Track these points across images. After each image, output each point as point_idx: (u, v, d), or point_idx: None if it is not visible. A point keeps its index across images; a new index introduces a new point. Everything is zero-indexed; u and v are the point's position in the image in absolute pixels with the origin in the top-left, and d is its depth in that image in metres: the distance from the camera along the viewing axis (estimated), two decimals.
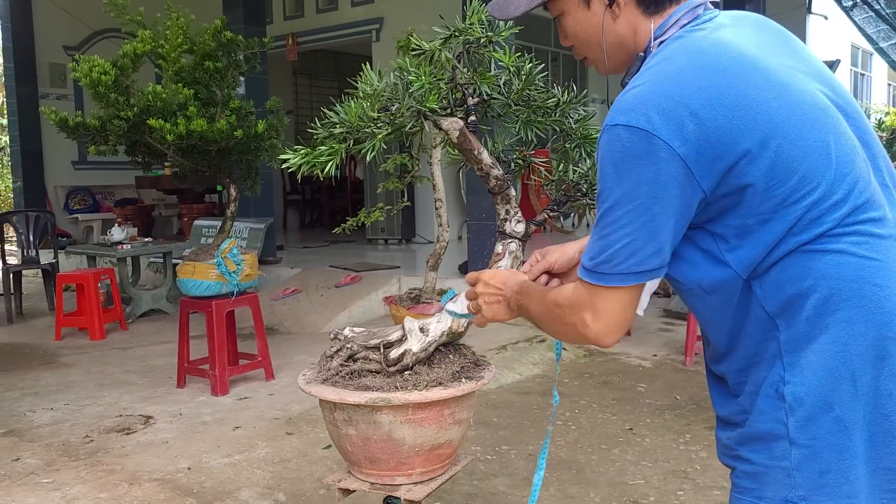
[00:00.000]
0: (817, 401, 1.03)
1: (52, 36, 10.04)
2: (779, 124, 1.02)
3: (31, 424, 3.91)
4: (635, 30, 1.17)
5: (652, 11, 1.16)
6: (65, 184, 10.29)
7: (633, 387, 4.50)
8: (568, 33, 1.25)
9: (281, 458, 3.37)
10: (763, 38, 1.12)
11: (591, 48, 1.23)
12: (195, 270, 4.26)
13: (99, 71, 3.91)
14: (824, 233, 1.03)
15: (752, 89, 1.03)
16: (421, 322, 1.76)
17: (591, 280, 1.08)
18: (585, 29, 1.20)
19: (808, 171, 1.03)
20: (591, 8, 1.18)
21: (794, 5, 12.49)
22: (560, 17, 1.24)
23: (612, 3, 1.16)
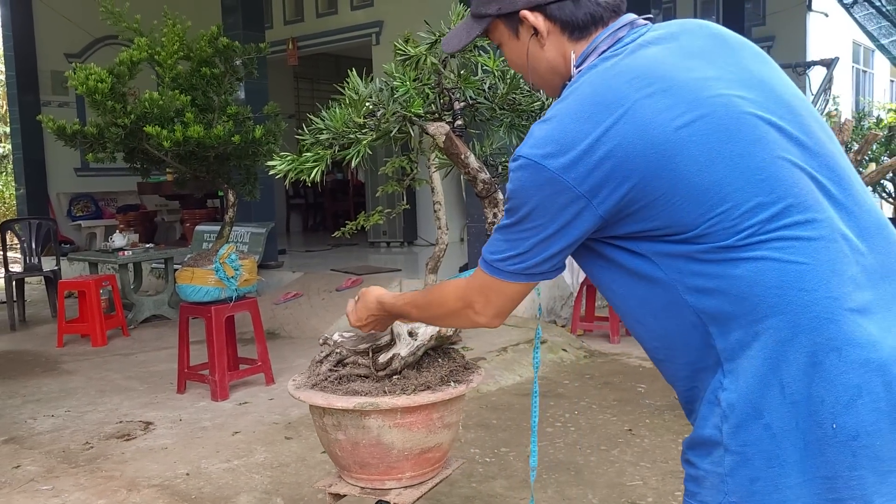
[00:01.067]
0: (747, 407, 1.03)
1: (53, 44, 10.09)
2: (677, 144, 1.03)
3: (32, 431, 3.92)
4: (564, 56, 1.21)
5: (577, 37, 1.20)
6: (67, 190, 10.33)
7: (633, 387, 4.50)
8: (508, 61, 1.32)
9: (280, 463, 3.38)
10: (685, 52, 1.12)
11: (527, 74, 1.28)
12: (194, 276, 4.27)
13: (95, 79, 3.92)
14: (744, 241, 1.03)
15: (650, 114, 1.04)
16: (410, 326, 1.76)
17: (489, 272, 1.18)
18: (519, 56, 1.26)
19: (714, 183, 1.03)
20: (520, 38, 1.24)
21: (794, 3, 12.46)
22: (501, 48, 1.31)
23: (536, 32, 1.20)
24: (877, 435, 1.01)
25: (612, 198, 1.05)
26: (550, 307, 6.47)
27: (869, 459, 1.01)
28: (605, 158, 1.04)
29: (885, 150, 4.81)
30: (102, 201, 10.61)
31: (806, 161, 1.08)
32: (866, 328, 1.02)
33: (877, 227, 1.10)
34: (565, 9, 1.18)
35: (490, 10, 1.24)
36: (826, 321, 1.01)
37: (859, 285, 1.04)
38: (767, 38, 12.53)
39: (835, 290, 1.02)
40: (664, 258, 1.08)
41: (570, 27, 1.19)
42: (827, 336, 1.01)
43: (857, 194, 1.10)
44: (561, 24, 1.19)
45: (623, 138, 1.03)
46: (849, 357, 1.00)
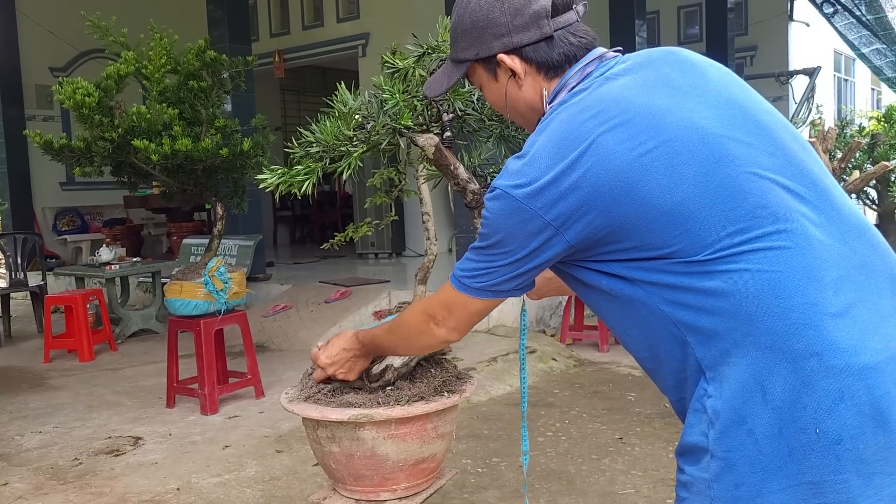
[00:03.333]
0: (731, 414, 1.05)
1: (38, 58, 10.05)
2: (640, 170, 1.07)
3: (20, 448, 3.89)
4: (541, 95, 1.26)
5: (552, 76, 1.25)
6: (53, 205, 10.26)
7: (623, 396, 4.51)
8: (490, 102, 1.37)
9: (271, 477, 3.37)
10: (650, 81, 1.15)
11: (508, 113, 1.33)
12: (182, 290, 4.25)
13: (82, 93, 3.91)
14: (713, 255, 1.05)
15: (612, 146, 1.08)
16: None
17: (456, 287, 1.24)
18: (499, 98, 1.31)
19: (679, 203, 1.06)
20: (498, 80, 1.29)
21: (775, 13, 12.61)
22: (481, 90, 1.36)
23: (513, 74, 1.25)
24: (860, 438, 1.02)
25: (579, 225, 1.10)
26: (540, 316, 6.48)
27: (853, 463, 1.02)
28: (570, 189, 1.08)
29: (867, 157, 4.88)
30: (88, 215, 10.54)
31: (777, 172, 1.10)
32: (847, 332, 1.03)
33: (857, 230, 1.12)
34: (540, 50, 1.23)
35: (467, 55, 1.29)
36: (804, 327, 1.03)
37: (839, 290, 1.05)
38: (750, 47, 12.66)
39: (812, 296, 1.04)
40: (638, 276, 1.11)
41: (546, 67, 1.24)
42: (806, 342, 1.02)
43: (835, 199, 1.12)
44: (537, 64, 1.24)
45: (588, 170, 1.08)
46: (829, 362, 1.02)
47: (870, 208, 5.72)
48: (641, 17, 8.21)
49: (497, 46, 1.24)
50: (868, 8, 12.59)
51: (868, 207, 5.74)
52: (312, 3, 10.55)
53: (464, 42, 1.28)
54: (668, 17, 13.85)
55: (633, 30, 8.01)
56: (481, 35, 1.25)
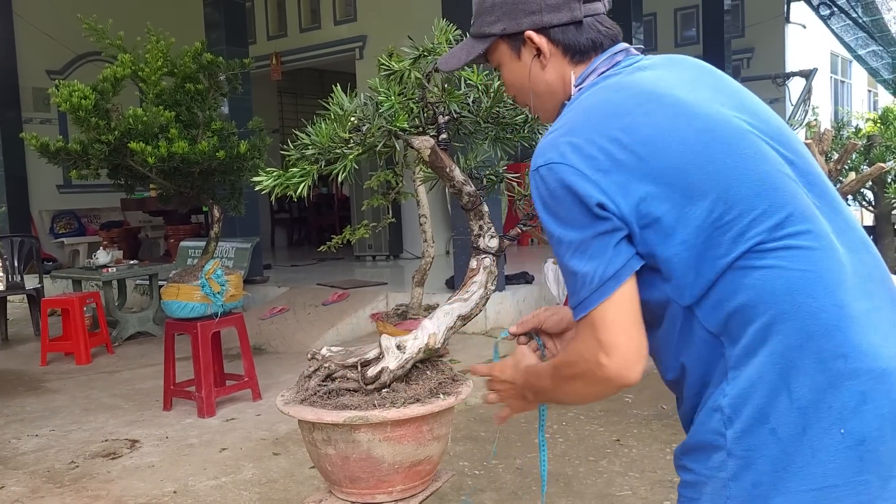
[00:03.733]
0: (754, 412, 1.04)
1: (34, 60, 10.04)
2: (686, 152, 1.07)
3: (16, 452, 3.88)
4: (563, 78, 1.24)
5: (577, 60, 1.24)
6: (50, 208, 10.25)
7: (620, 397, 4.51)
8: (507, 83, 1.33)
9: (268, 479, 3.36)
10: (683, 77, 1.18)
11: (527, 96, 1.31)
12: (179, 292, 4.25)
13: (79, 96, 3.91)
14: (751, 249, 1.05)
15: (657, 123, 1.09)
16: (398, 339, 1.77)
17: (581, 312, 1.10)
18: (519, 78, 1.28)
19: (722, 191, 1.06)
20: (522, 59, 1.26)
21: (772, 15, 12.63)
22: (499, 69, 1.32)
23: (539, 53, 1.23)
24: (881, 440, 1.03)
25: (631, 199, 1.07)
26: None
27: (874, 464, 1.03)
28: (618, 160, 1.07)
29: (864, 159, 4.89)
30: (85, 218, 10.53)
31: (800, 177, 1.12)
32: (869, 336, 1.05)
33: (863, 243, 1.14)
34: (569, 33, 1.22)
35: (494, 29, 1.26)
36: (834, 328, 1.03)
37: (858, 296, 1.07)
38: (747, 49, 12.69)
39: (839, 299, 1.05)
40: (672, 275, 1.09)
41: (573, 51, 1.23)
42: (835, 343, 1.03)
43: (842, 212, 1.15)
44: (563, 47, 1.23)
45: (629, 148, 1.07)
46: (854, 364, 1.03)
47: (866, 210, 5.73)
48: (638, 20, 8.22)
49: (526, 23, 1.22)
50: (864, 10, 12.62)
51: (864, 209, 5.75)
52: (309, 6, 10.56)
53: (491, 16, 1.26)
54: (665, 19, 13.87)
55: (629, 32, 8.03)
56: (512, 10, 1.23)
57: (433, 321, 1.77)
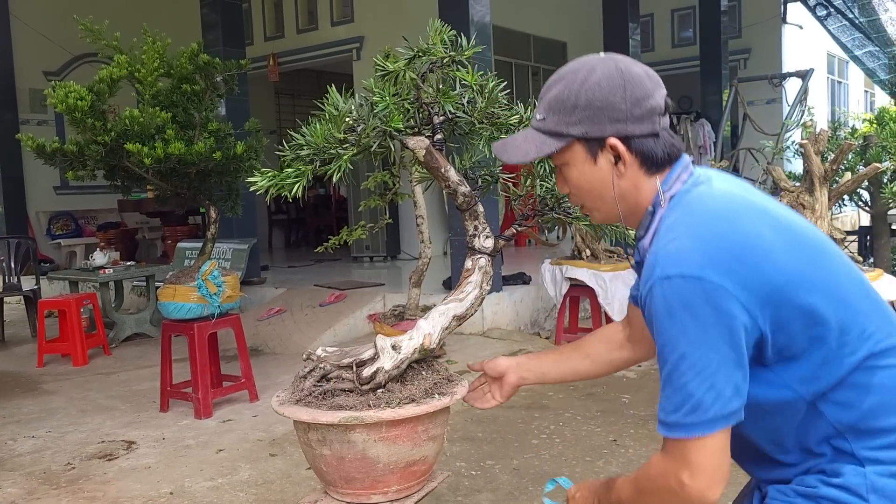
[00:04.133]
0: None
1: (31, 61, 10.03)
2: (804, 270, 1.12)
3: (13, 453, 3.87)
4: (636, 185, 1.26)
5: (651, 172, 1.26)
6: (47, 209, 10.24)
7: (618, 398, 4.51)
8: (570, 183, 1.32)
9: (264, 480, 3.36)
10: (761, 195, 1.24)
11: (591, 198, 1.31)
12: (176, 293, 4.25)
13: (75, 97, 3.91)
14: (871, 353, 1.13)
15: (771, 232, 1.14)
16: (393, 340, 1.77)
17: (680, 434, 1.09)
18: (589, 181, 1.28)
19: (843, 298, 1.13)
20: (597, 163, 1.26)
21: (769, 15, 12.65)
22: (563, 167, 1.31)
23: (617, 161, 1.24)
24: None
25: (767, 309, 1.09)
26: (534, 319, 6.49)
27: None
28: (752, 271, 1.09)
29: (860, 159, 4.90)
30: (82, 219, 10.52)
31: None
32: None
33: None
34: (647, 144, 1.23)
35: (574, 131, 1.25)
36: None
37: None
38: (743, 50, 12.71)
39: None
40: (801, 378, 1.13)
41: (650, 162, 1.24)
42: None
43: None
44: (641, 157, 1.24)
45: (760, 251, 1.11)
46: None
47: (862, 210, 5.74)
48: (635, 20, 8.23)
49: (610, 130, 1.23)
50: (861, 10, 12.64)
51: (861, 209, 5.76)
52: (307, 7, 10.56)
53: (572, 117, 1.24)
54: (662, 20, 13.90)
55: (626, 33, 8.04)
56: (597, 116, 1.22)
57: (428, 321, 1.77)
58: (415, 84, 1.69)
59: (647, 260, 1.17)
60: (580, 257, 5.70)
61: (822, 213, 3.55)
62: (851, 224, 10.54)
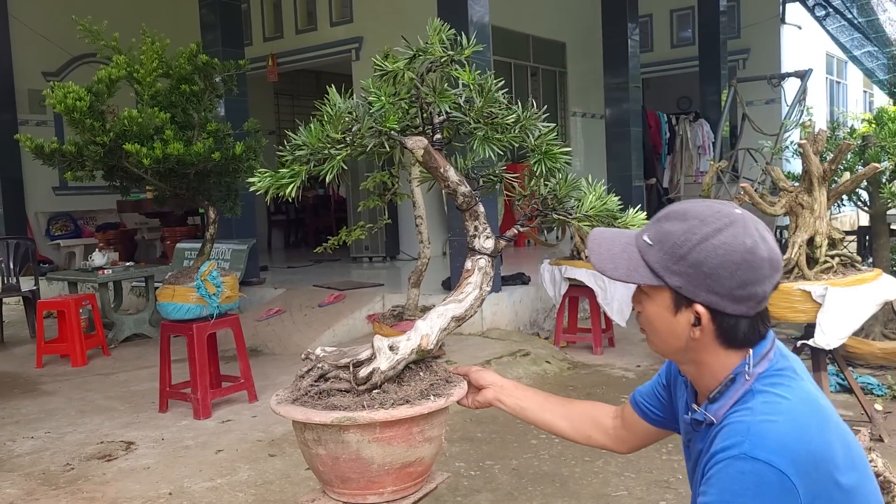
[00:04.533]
0: None
1: (30, 62, 10.04)
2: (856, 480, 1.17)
3: (11, 454, 3.87)
4: (707, 349, 1.26)
5: (726, 347, 1.25)
6: (46, 210, 10.24)
7: (617, 398, 4.52)
8: (644, 311, 1.32)
9: (264, 481, 3.36)
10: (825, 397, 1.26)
11: (655, 335, 1.32)
12: (175, 294, 4.25)
13: (74, 97, 3.91)
14: None
15: (841, 448, 1.17)
16: (391, 340, 1.76)
17: None
18: (662, 325, 1.29)
19: None
20: (677, 316, 1.26)
21: (768, 16, 12.65)
22: (645, 297, 1.31)
23: (697, 324, 1.24)
24: None
25: None
26: (533, 319, 6.49)
27: None
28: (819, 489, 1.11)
29: (859, 159, 4.90)
30: (81, 220, 10.52)
31: None
32: None
33: None
34: (731, 322, 1.23)
35: (671, 281, 1.24)
36: None
37: None
38: (742, 50, 12.71)
39: None
40: None
41: (727, 339, 1.24)
42: None
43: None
44: (721, 331, 1.24)
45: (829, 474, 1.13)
46: None
47: (861, 210, 5.74)
48: (634, 20, 8.24)
49: (704, 298, 1.22)
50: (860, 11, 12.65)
51: (860, 209, 5.76)
52: (306, 7, 10.56)
53: (676, 266, 1.23)
54: (661, 19, 13.90)
55: (625, 32, 8.04)
56: (698, 278, 1.21)
57: (426, 322, 1.77)
58: (414, 84, 1.69)
59: (726, 426, 1.18)
60: (579, 257, 5.70)
61: (821, 213, 3.55)
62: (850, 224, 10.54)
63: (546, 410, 1.71)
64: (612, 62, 8.19)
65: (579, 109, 12.42)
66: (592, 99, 12.30)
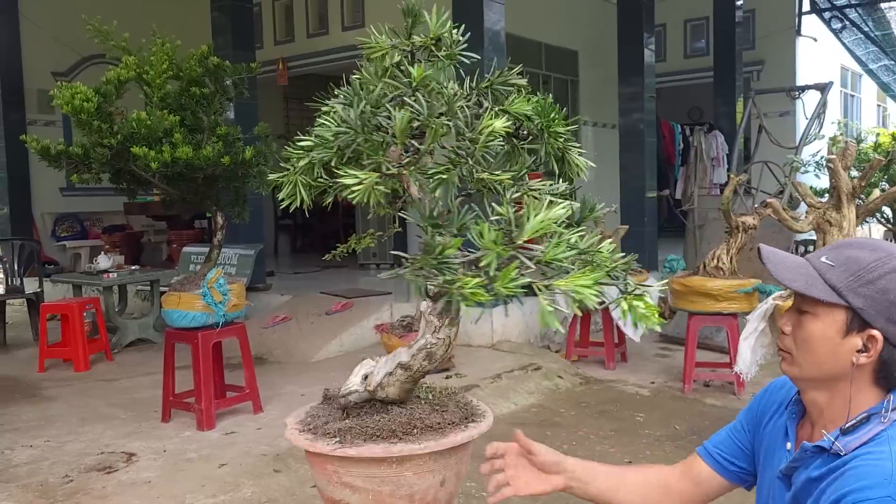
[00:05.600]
0: None
1: (40, 62, 9.97)
2: None
3: (9, 463, 3.76)
4: (857, 381, 1.24)
5: (878, 384, 1.24)
6: (52, 210, 10.16)
7: (632, 416, 4.39)
8: (802, 331, 1.28)
9: (268, 498, 3.24)
10: None
11: (806, 356, 1.28)
12: (180, 301, 4.14)
13: (81, 98, 3.81)
14: None
15: None
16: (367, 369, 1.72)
17: None
18: (823, 347, 1.25)
19: None
20: (844, 339, 1.23)
21: (783, 28, 12.55)
22: (808, 315, 1.27)
23: (864, 351, 1.22)
24: None
25: None
26: (544, 332, 6.36)
27: None
28: None
29: (883, 175, 4.77)
30: (88, 221, 10.44)
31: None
32: None
33: None
34: (894, 356, 1.22)
35: (853, 300, 1.22)
36: None
37: None
38: (757, 62, 12.61)
39: None
40: None
41: (885, 372, 1.23)
42: None
43: None
44: (884, 364, 1.22)
45: None
46: None
47: (884, 227, 5.61)
48: (650, 30, 8.13)
49: (881, 325, 1.21)
50: (876, 24, 12.54)
51: (882, 226, 5.63)
52: (317, 11, 10.48)
53: (862, 288, 1.22)
54: (675, 30, 13.80)
55: (641, 42, 7.94)
56: (882, 304, 1.21)
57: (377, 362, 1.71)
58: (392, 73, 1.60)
59: (860, 466, 1.16)
60: None
61: (850, 231, 3.43)
62: None
63: (619, 489, 1.55)
64: (627, 71, 8.09)
65: (590, 119, 12.31)
66: (604, 108, 12.19)
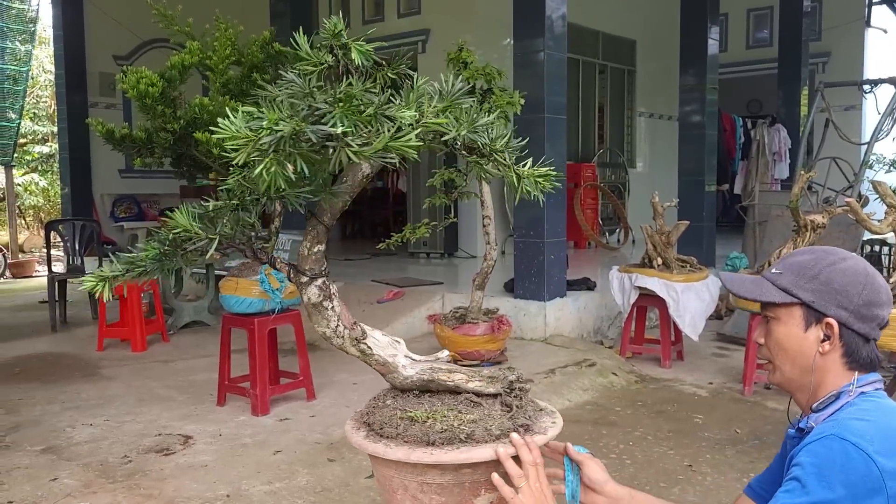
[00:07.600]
0: None
1: (102, 45, 10.17)
2: None
3: (71, 441, 3.84)
4: (829, 369, 1.38)
5: (848, 367, 1.38)
6: (111, 191, 10.39)
7: (690, 418, 4.28)
8: (772, 337, 1.44)
9: (322, 488, 3.24)
10: None
11: (783, 358, 1.42)
12: (238, 287, 4.17)
13: (146, 83, 3.85)
14: None
15: None
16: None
17: None
18: (792, 345, 1.40)
19: None
20: (807, 333, 1.39)
21: (852, 18, 12.09)
22: (773, 321, 1.43)
23: (826, 340, 1.37)
24: None
25: None
26: (597, 327, 6.26)
27: None
28: None
29: None
30: (145, 203, 10.65)
31: None
32: None
33: None
34: (857, 341, 1.36)
35: (803, 295, 1.38)
36: None
37: None
38: (823, 53, 12.18)
39: None
40: None
41: (851, 357, 1.37)
42: None
43: None
44: (847, 349, 1.37)
45: None
46: None
47: None
48: (714, 20, 7.90)
49: (834, 312, 1.36)
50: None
51: None
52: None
53: (808, 284, 1.38)
54: (737, 19, 13.42)
55: (705, 33, 7.71)
56: (829, 294, 1.36)
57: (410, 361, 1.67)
58: None
59: (820, 426, 1.30)
60: (651, 265, 5.46)
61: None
62: None
63: None
64: (689, 62, 7.87)
65: (646, 110, 12.07)
66: (660, 99, 11.93)
